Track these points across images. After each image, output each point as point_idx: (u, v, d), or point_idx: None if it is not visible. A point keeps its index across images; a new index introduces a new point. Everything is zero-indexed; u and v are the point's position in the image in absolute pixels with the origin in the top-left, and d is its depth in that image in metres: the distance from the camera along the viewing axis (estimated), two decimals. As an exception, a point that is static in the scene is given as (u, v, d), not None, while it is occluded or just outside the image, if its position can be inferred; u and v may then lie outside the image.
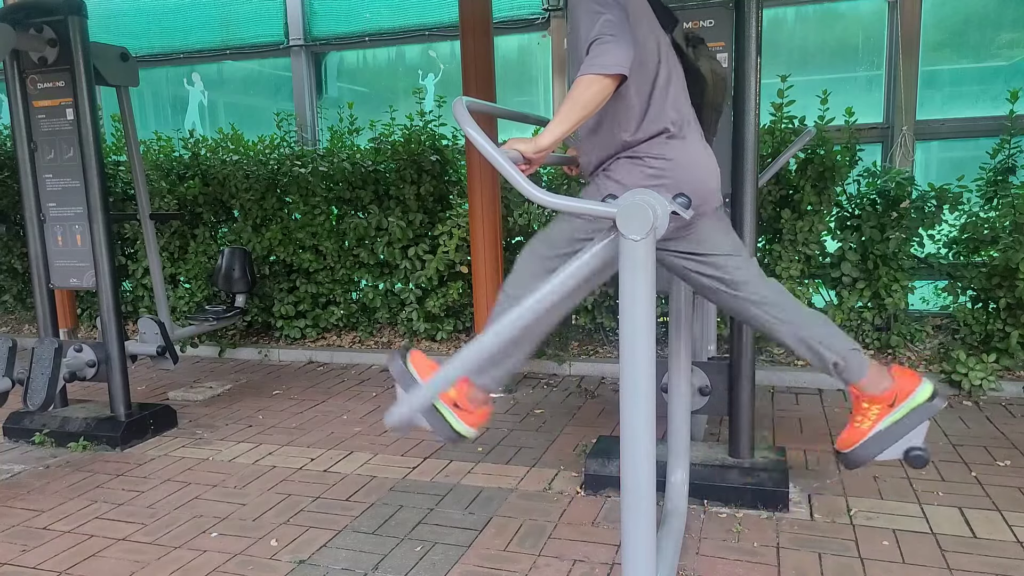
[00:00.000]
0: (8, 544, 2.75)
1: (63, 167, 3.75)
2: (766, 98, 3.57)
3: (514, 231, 4.85)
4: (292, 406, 4.31)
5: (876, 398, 2.16)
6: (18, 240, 5.90)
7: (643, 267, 1.56)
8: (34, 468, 3.50)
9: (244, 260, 5.00)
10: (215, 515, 2.94)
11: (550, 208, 1.63)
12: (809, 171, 4.21)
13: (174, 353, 4.29)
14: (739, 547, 2.55)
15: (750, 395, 2.88)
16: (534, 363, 4.83)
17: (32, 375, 3.63)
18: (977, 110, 5.15)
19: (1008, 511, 2.73)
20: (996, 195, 4.21)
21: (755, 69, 2.67)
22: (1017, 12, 5.02)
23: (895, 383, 2.15)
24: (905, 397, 2.14)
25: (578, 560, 2.50)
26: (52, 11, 3.54)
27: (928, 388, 2.14)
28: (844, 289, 4.35)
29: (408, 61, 6.64)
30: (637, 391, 1.62)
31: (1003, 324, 4.07)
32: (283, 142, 5.59)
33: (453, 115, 1.66)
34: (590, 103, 1.82)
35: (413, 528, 2.77)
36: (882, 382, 2.14)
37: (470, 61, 4.14)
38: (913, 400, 2.14)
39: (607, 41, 1.82)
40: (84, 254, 3.78)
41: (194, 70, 7.31)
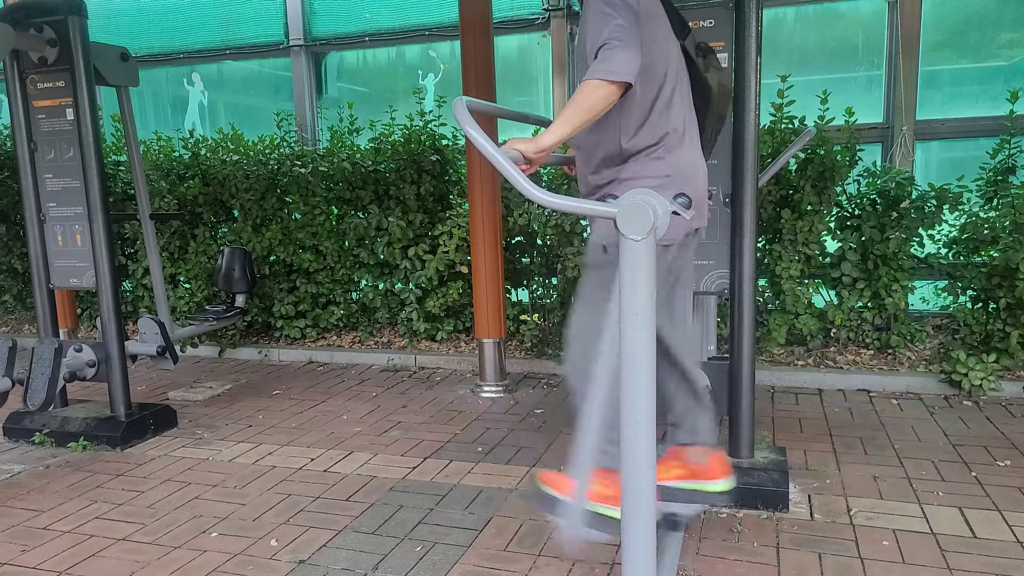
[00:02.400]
0: (8, 544, 2.75)
1: (63, 167, 3.75)
2: (766, 98, 3.57)
3: (514, 231, 4.85)
4: (292, 406, 4.31)
5: (686, 465, 2.30)
6: (18, 240, 5.90)
7: (643, 267, 1.56)
8: (34, 468, 3.50)
9: (244, 260, 5.00)
10: (215, 515, 2.94)
11: (550, 208, 1.63)
12: (809, 171, 4.21)
13: (174, 353, 4.29)
14: (739, 547, 2.55)
15: (750, 395, 2.88)
16: (534, 363, 4.83)
17: (32, 375, 3.63)
18: (977, 110, 5.15)
19: (1008, 511, 2.73)
20: (996, 195, 4.21)
21: (755, 69, 2.67)
22: (1017, 12, 5.01)
23: (708, 464, 2.29)
24: (704, 479, 2.28)
25: (578, 560, 2.50)
26: (52, 11, 3.54)
27: (724, 485, 2.28)
28: (844, 289, 4.35)
29: (408, 61, 6.64)
30: (637, 391, 1.62)
31: (1003, 324, 4.07)
32: (283, 142, 5.59)
33: (453, 115, 1.66)
34: (594, 108, 1.81)
35: (413, 528, 2.77)
36: (701, 458, 2.30)
37: (470, 61, 4.14)
38: (708, 485, 2.28)
39: (615, 47, 1.81)
40: (84, 254, 3.78)
41: (194, 70, 7.31)
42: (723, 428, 3.44)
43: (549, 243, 4.83)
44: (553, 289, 4.99)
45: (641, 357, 1.60)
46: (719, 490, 2.28)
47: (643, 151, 2.02)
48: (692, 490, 2.25)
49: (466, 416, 4.03)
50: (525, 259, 4.96)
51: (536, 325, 4.93)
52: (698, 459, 2.28)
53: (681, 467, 2.26)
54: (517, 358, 4.89)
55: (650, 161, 2.02)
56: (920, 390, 4.12)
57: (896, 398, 4.06)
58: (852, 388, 4.22)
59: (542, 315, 5.02)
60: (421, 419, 4.00)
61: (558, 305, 4.93)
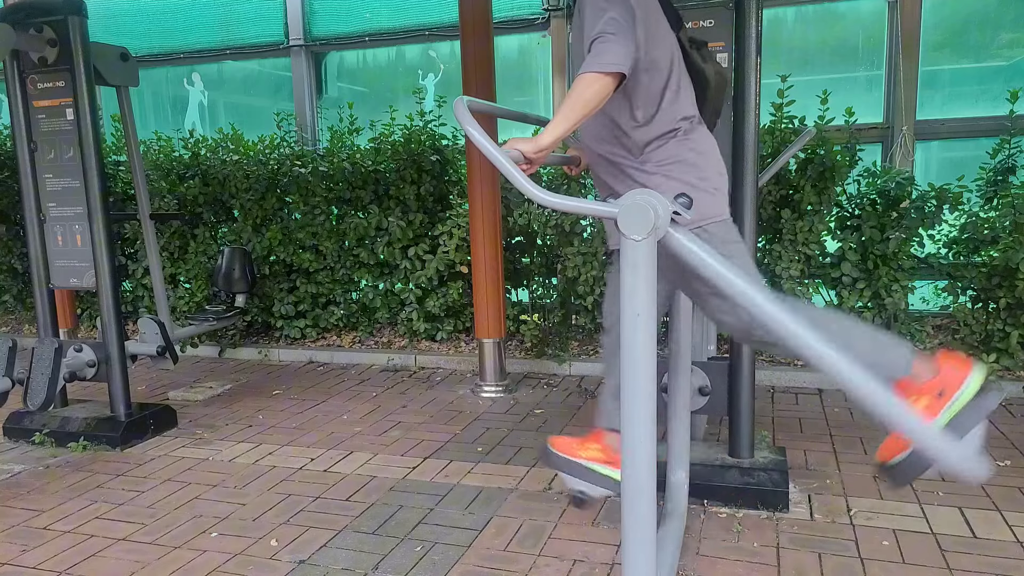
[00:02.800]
0: (8, 544, 2.75)
1: (63, 167, 3.75)
2: (766, 98, 3.56)
3: (514, 231, 4.85)
4: (292, 406, 4.31)
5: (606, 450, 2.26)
6: (18, 240, 5.90)
7: (644, 267, 1.56)
8: (34, 468, 3.50)
9: (244, 260, 5.00)
10: (215, 515, 2.94)
11: (550, 208, 1.63)
12: (809, 171, 4.21)
13: (174, 353, 4.29)
14: (739, 547, 2.55)
15: (750, 395, 2.88)
16: (534, 363, 4.83)
17: (32, 375, 3.63)
18: (977, 110, 5.15)
19: (1008, 511, 2.73)
20: (996, 195, 4.21)
21: (755, 69, 2.67)
22: (1017, 12, 5.02)
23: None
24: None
25: (578, 560, 2.50)
26: (52, 11, 3.54)
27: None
28: (844, 289, 4.35)
29: (408, 61, 6.64)
30: (637, 391, 1.62)
31: (1003, 324, 4.07)
32: (283, 142, 5.59)
33: (454, 114, 1.66)
34: (591, 101, 1.82)
35: (413, 528, 2.77)
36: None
37: (470, 61, 4.14)
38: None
39: (608, 39, 1.82)
40: (84, 254, 3.77)
41: (194, 70, 7.31)
42: (723, 428, 3.44)
43: (549, 243, 4.83)
44: (553, 289, 4.99)
45: (641, 357, 1.60)
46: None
47: (663, 136, 2.03)
48: (604, 475, 2.22)
49: (466, 416, 4.03)
50: (525, 259, 4.96)
51: (536, 325, 4.93)
52: (616, 447, 2.21)
53: (601, 450, 2.25)
54: (517, 358, 4.89)
55: (678, 143, 2.04)
56: (920, 390, 4.11)
57: (896, 398, 4.05)
58: (852, 388, 4.21)
59: (542, 315, 5.02)
60: (421, 419, 4.00)
61: (558, 305, 4.93)
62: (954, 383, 1.85)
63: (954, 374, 1.86)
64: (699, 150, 2.07)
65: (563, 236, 4.65)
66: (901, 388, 1.88)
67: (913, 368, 1.88)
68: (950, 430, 1.78)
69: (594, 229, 4.61)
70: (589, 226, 4.64)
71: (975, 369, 1.87)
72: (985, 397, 1.83)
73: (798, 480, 3.03)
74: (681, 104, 2.06)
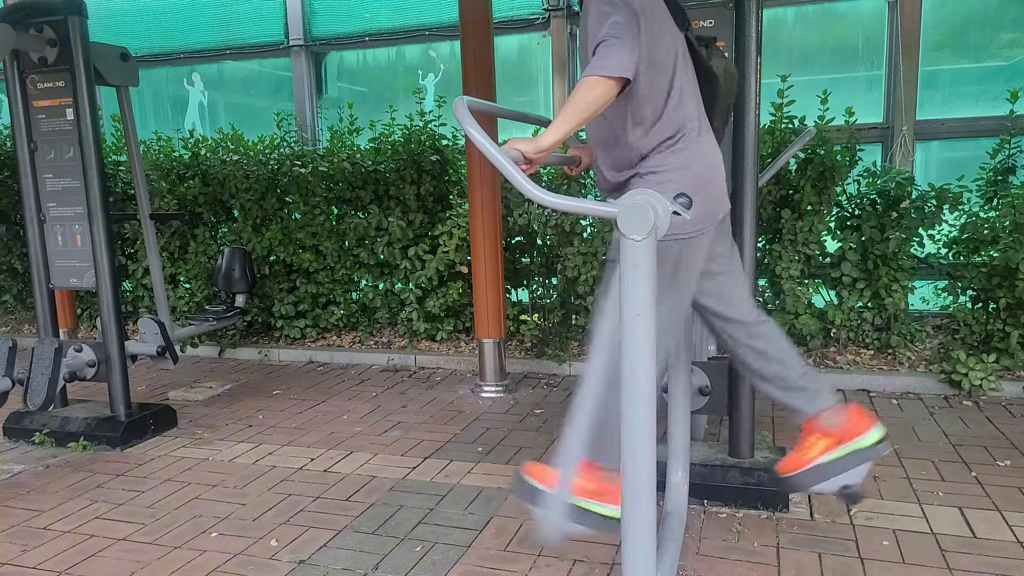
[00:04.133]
0: (8, 544, 2.75)
1: (63, 167, 3.75)
2: (766, 98, 3.57)
3: (514, 231, 4.85)
4: (292, 406, 4.31)
5: (827, 433, 2.24)
6: (18, 240, 5.90)
7: (644, 267, 1.56)
8: (34, 468, 3.50)
9: (244, 260, 5.00)
10: (215, 515, 2.94)
11: (550, 208, 1.63)
12: (809, 171, 4.21)
13: (174, 353, 4.29)
14: (739, 547, 2.55)
15: (750, 395, 2.88)
16: (534, 363, 4.83)
17: (32, 375, 3.63)
18: (977, 110, 5.15)
19: (1008, 511, 2.73)
20: (996, 195, 4.21)
21: (755, 69, 2.67)
22: (1017, 12, 5.02)
23: (848, 422, 2.23)
24: (852, 438, 2.21)
25: (578, 560, 2.50)
26: (52, 11, 3.54)
27: (877, 433, 2.22)
28: (844, 289, 4.35)
29: (408, 61, 6.64)
30: (637, 391, 1.62)
31: (1003, 324, 4.07)
32: (283, 142, 5.59)
33: (454, 114, 1.66)
34: (593, 105, 1.82)
35: (413, 528, 2.77)
36: (837, 419, 2.23)
37: (470, 61, 4.14)
38: (860, 442, 2.21)
39: (612, 44, 1.82)
40: (84, 254, 3.77)
41: (194, 70, 7.31)
42: (723, 428, 3.45)
43: (549, 243, 4.83)
44: (553, 289, 4.99)
45: (641, 357, 1.60)
46: (874, 440, 2.20)
47: (663, 143, 2.03)
48: (849, 454, 2.18)
49: (466, 416, 4.03)
50: (525, 259, 4.96)
51: (536, 325, 4.93)
52: (836, 421, 2.21)
53: (823, 437, 2.21)
54: (517, 358, 4.89)
55: (672, 153, 2.03)
56: (920, 390, 4.12)
57: (896, 398, 4.06)
58: (852, 388, 4.22)
59: (542, 315, 5.02)
60: (421, 419, 4.00)
61: (558, 305, 4.93)
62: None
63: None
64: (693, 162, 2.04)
65: (563, 236, 4.65)
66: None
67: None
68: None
69: (594, 229, 4.61)
70: (589, 226, 4.64)
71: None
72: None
73: (798, 480, 3.03)
74: (685, 109, 2.05)
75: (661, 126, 2.02)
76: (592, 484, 2.05)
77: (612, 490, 2.05)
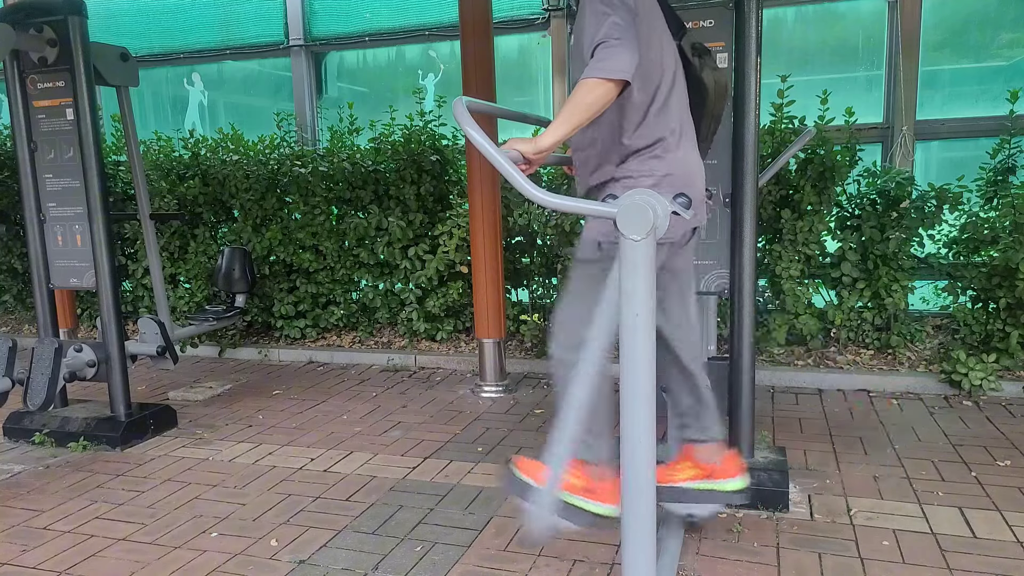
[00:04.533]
0: (8, 544, 2.75)
1: (63, 167, 3.75)
2: (766, 98, 3.56)
3: (514, 231, 4.85)
4: (292, 406, 4.31)
5: (700, 465, 2.33)
6: (18, 240, 5.90)
7: (643, 267, 1.56)
8: (34, 468, 3.50)
9: (244, 260, 5.00)
10: (215, 515, 2.94)
11: (550, 208, 1.63)
12: (809, 171, 4.21)
13: (174, 353, 4.29)
14: (739, 547, 2.55)
15: (750, 395, 2.87)
16: (534, 363, 4.83)
17: (32, 375, 3.63)
18: (977, 110, 5.15)
19: (1008, 511, 2.73)
20: (996, 195, 4.21)
21: (755, 69, 2.67)
22: (1017, 12, 5.01)
23: (720, 463, 2.33)
24: (719, 478, 2.31)
25: (578, 560, 2.50)
26: (52, 11, 3.54)
27: (740, 483, 2.31)
28: (844, 289, 4.35)
29: (408, 61, 6.64)
30: (637, 391, 1.62)
31: (1003, 324, 4.07)
32: (283, 142, 5.59)
33: (453, 115, 1.66)
34: (592, 106, 1.81)
35: (413, 528, 2.77)
36: (713, 457, 2.33)
37: (470, 61, 4.14)
38: (722, 485, 2.31)
39: (612, 45, 1.81)
40: (84, 254, 3.78)
41: (194, 70, 7.31)
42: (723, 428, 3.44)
43: (549, 243, 4.83)
44: (553, 289, 4.99)
45: (641, 357, 1.60)
46: (734, 488, 2.29)
47: (641, 151, 2.02)
48: (708, 490, 2.25)
49: (466, 416, 4.03)
50: (525, 259, 4.96)
51: (536, 325, 4.93)
52: (711, 458, 2.28)
53: (695, 467, 2.27)
54: (517, 358, 4.89)
55: (648, 160, 2.02)
56: (920, 390, 4.12)
57: (896, 398, 4.06)
58: (852, 388, 4.22)
59: (542, 315, 5.02)
60: (421, 419, 4.00)
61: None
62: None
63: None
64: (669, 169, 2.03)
65: (563, 236, 4.65)
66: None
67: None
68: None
69: (594, 229, 4.60)
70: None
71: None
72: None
73: (798, 480, 3.03)
74: (668, 117, 2.04)
75: (642, 132, 2.01)
76: (580, 481, 2.10)
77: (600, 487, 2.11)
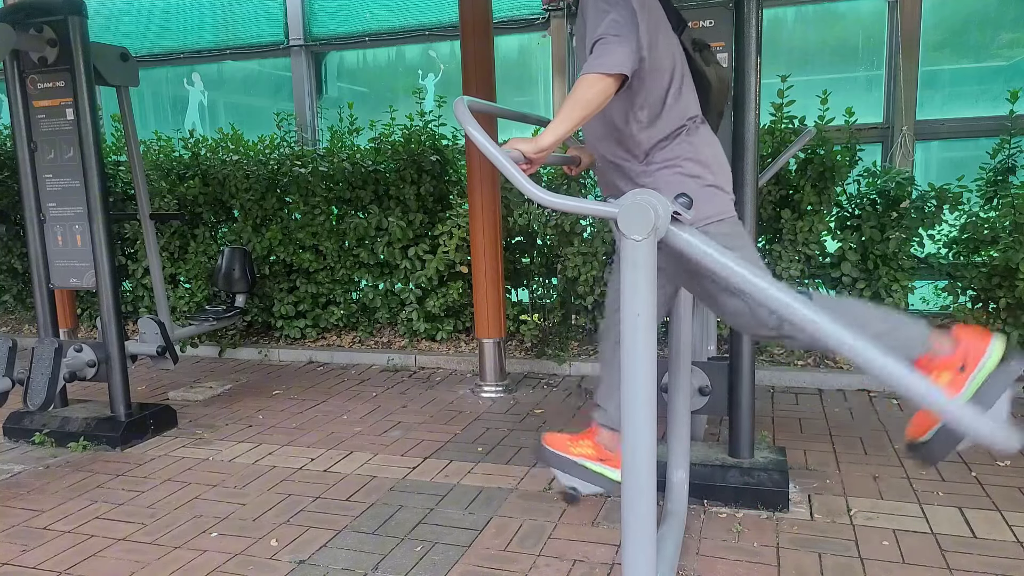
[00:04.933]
0: (8, 544, 2.75)
1: (63, 167, 3.75)
2: (766, 98, 3.57)
3: (514, 231, 4.85)
4: (292, 406, 4.31)
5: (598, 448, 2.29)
6: (18, 240, 5.90)
7: (644, 267, 1.56)
8: (34, 468, 3.50)
9: (244, 260, 5.00)
10: (215, 515, 2.94)
11: (550, 208, 1.63)
12: (809, 171, 4.21)
13: (174, 353, 4.29)
14: (739, 547, 2.55)
15: (750, 395, 2.88)
16: (534, 363, 4.83)
17: (32, 375, 3.63)
18: (977, 110, 5.15)
19: (1008, 511, 2.73)
20: (996, 195, 4.21)
21: (755, 69, 2.67)
22: (1017, 12, 5.02)
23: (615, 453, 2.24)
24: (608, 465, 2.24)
25: (578, 560, 2.50)
26: (52, 11, 3.54)
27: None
28: (844, 289, 4.35)
29: (408, 61, 6.64)
30: (637, 391, 1.62)
31: (1003, 324, 4.07)
32: (283, 142, 5.59)
33: (454, 114, 1.66)
34: (592, 103, 1.82)
35: (413, 528, 2.77)
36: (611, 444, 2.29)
37: (470, 61, 4.14)
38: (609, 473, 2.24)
39: (611, 41, 1.82)
40: (84, 254, 3.77)
41: (194, 70, 7.31)
42: (723, 428, 3.45)
43: (549, 243, 4.83)
44: (553, 289, 4.99)
45: (642, 357, 1.60)
46: (616, 479, 2.26)
47: (666, 138, 2.03)
48: (596, 472, 2.25)
49: (466, 416, 4.03)
50: (525, 259, 4.96)
51: (536, 325, 4.93)
52: (609, 445, 2.28)
53: (592, 447, 2.28)
54: (517, 358, 4.89)
55: (679, 144, 2.04)
56: (920, 390, 4.11)
57: (896, 398, 4.06)
58: (852, 388, 4.22)
59: (542, 315, 5.02)
60: (421, 419, 4.00)
61: (558, 305, 4.93)
62: (975, 355, 1.86)
63: (974, 346, 1.88)
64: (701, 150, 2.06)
65: (563, 236, 4.65)
66: (922, 365, 1.91)
67: (932, 345, 1.91)
68: (976, 402, 1.79)
69: (594, 229, 4.61)
70: (589, 226, 4.64)
71: (994, 339, 1.89)
72: (1008, 366, 1.84)
73: (798, 480, 3.03)
74: (684, 104, 2.06)
75: (663, 123, 2.03)
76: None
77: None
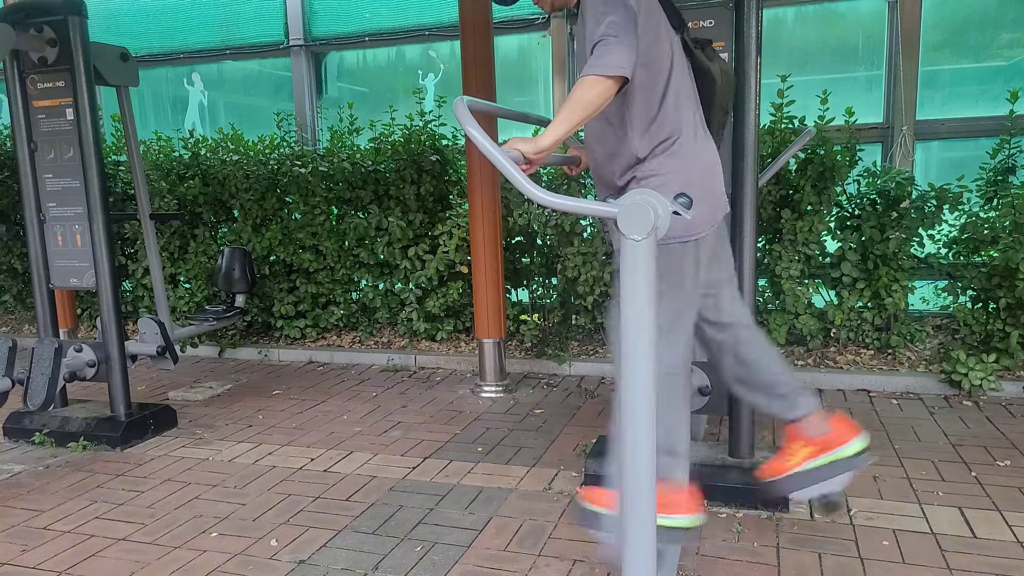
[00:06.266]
0: (8, 544, 2.75)
1: (63, 167, 3.75)
2: (766, 98, 3.57)
3: (514, 231, 4.85)
4: (292, 406, 4.31)
5: (810, 441, 2.26)
6: (18, 240, 5.90)
7: (644, 267, 1.56)
8: (34, 468, 3.50)
9: (244, 260, 5.00)
10: (215, 515, 2.94)
11: (550, 208, 1.63)
12: (809, 171, 4.21)
13: (174, 353, 4.29)
14: (739, 547, 2.55)
15: (750, 395, 2.87)
16: (534, 363, 4.83)
17: (32, 375, 3.63)
18: (977, 110, 5.15)
19: (1008, 511, 2.73)
20: (996, 195, 4.21)
21: (755, 69, 2.67)
22: (1017, 12, 5.01)
23: (832, 431, 2.25)
24: (835, 447, 2.24)
25: (578, 560, 2.50)
26: (52, 11, 3.54)
27: (860, 443, 2.22)
28: (844, 289, 4.35)
29: (408, 61, 6.63)
30: (637, 391, 1.62)
31: (1003, 324, 4.07)
32: (283, 142, 5.59)
33: (454, 114, 1.67)
34: (591, 104, 1.82)
35: (413, 528, 2.77)
36: (820, 427, 2.25)
37: (470, 61, 4.14)
38: (842, 452, 2.24)
39: (610, 43, 1.82)
40: (84, 254, 3.77)
41: (194, 70, 7.31)
42: (723, 428, 3.45)
43: (549, 243, 4.83)
44: (553, 289, 4.99)
45: (642, 358, 1.60)
46: (857, 450, 2.21)
47: (659, 145, 2.03)
48: (829, 463, 2.19)
49: (466, 416, 4.03)
50: (525, 259, 4.96)
51: (536, 325, 4.93)
52: (819, 429, 2.21)
53: (807, 445, 2.21)
54: (517, 358, 4.89)
55: (669, 156, 2.03)
56: (920, 390, 4.12)
57: (896, 398, 4.06)
58: (852, 388, 4.22)
59: (542, 315, 5.02)
60: (421, 419, 4.00)
61: (558, 305, 4.93)
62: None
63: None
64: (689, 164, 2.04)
65: (563, 236, 4.65)
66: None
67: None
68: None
69: (594, 229, 4.61)
70: (589, 226, 4.65)
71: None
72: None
73: (798, 480, 3.03)
74: (680, 111, 2.05)
75: (658, 127, 2.02)
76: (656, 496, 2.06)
77: (676, 497, 2.07)
